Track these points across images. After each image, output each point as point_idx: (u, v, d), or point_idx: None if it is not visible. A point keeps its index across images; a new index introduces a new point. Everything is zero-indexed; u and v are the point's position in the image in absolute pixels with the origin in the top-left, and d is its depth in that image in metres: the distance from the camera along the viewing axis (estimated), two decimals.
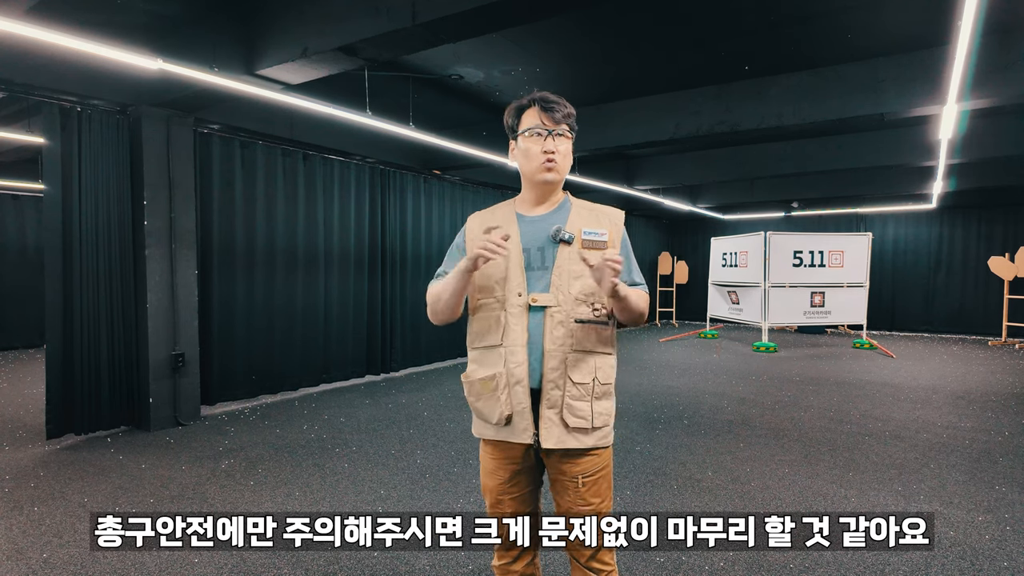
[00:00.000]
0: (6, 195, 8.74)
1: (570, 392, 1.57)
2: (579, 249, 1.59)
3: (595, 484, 1.61)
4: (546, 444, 1.57)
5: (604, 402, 1.61)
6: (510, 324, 1.59)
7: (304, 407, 5.50)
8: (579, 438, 1.58)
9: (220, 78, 3.91)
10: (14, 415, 5.11)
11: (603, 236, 1.62)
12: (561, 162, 1.61)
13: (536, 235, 1.63)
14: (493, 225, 1.69)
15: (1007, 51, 4.54)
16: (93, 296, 4.48)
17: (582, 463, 1.60)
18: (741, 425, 4.92)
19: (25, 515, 3.09)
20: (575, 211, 1.66)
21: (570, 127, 1.63)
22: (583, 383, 1.57)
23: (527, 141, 1.61)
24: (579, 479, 1.60)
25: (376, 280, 7.00)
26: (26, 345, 8.89)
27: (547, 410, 1.57)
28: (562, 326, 1.57)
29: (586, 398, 1.58)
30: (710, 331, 11.73)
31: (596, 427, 1.59)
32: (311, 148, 6.20)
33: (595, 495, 1.61)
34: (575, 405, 1.57)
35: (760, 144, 8.34)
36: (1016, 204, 11.12)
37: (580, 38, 4.85)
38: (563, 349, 1.57)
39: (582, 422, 1.57)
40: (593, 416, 1.58)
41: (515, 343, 1.58)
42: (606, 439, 1.63)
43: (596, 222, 1.65)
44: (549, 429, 1.57)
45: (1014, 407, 5.58)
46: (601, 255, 1.47)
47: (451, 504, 3.26)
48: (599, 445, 1.61)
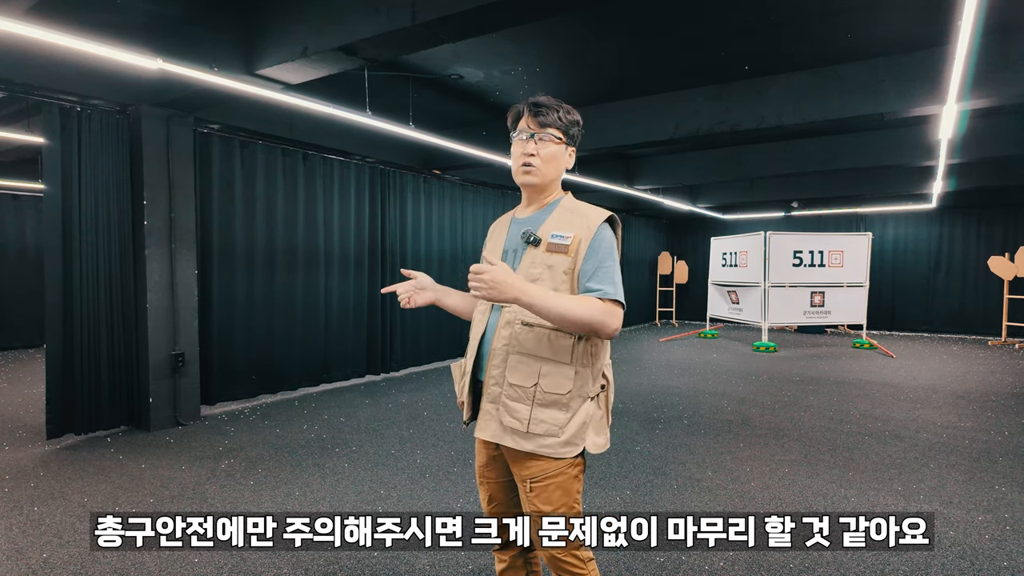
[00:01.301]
0: (6, 195, 8.73)
1: (507, 392, 1.59)
2: (543, 252, 1.59)
3: (544, 491, 1.58)
4: (480, 434, 1.65)
5: (550, 411, 1.55)
6: (476, 319, 1.73)
7: (304, 407, 5.50)
8: (516, 439, 1.58)
9: (220, 78, 3.91)
10: (14, 415, 5.11)
11: (567, 239, 1.57)
12: (541, 165, 1.61)
13: (518, 236, 1.67)
14: (499, 226, 1.80)
15: (1007, 51, 4.54)
16: (93, 296, 4.47)
17: (530, 467, 1.59)
18: (741, 425, 4.92)
19: (25, 515, 3.09)
20: (556, 213, 1.65)
21: (562, 131, 1.62)
22: (521, 386, 1.57)
23: (514, 144, 1.65)
24: (527, 483, 1.60)
25: (376, 280, 7.00)
26: (26, 345, 8.88)
27: (487, 404, 1.64)
28: (509, 327, 1.60)
29: (524, 401, 1.56)
30: (710, 331, 11.73)
31: (535, 433, 1.55)
32: (311, 148, 6.20)
33: (545, 502, 1.58)
34: (511, 405, 1.58)
35: (760, 144, 8.33)
36: (1016, 204, 11.12)
37: (580, 38, 4.85)
38: (506, 349, 1.60)
39: (516, 424, 1.57)
40: (531, 421, 1.55)
41: (473, 337, 1.71)
42: (551, 449, 1.55)
43: (568, 225, 1.60)
44: (486, 421, 1.64)
45: (1014, 407, 5.58)
46: (472, 270, 1.45)
47: (451, 504, 3.26)
48: (540, 453, 1.56)
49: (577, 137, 1.69)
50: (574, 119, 1.66)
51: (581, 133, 1.71)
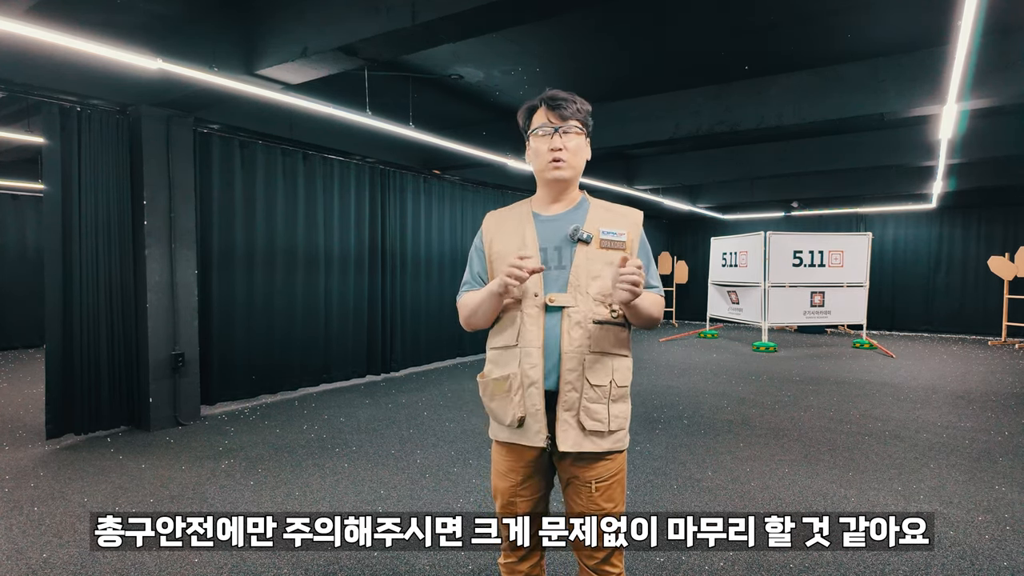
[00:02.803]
0: (6, 195, 8.73)
1: (587, 395, 1.54)
2: (597, 249, 1.57)
3: (609, 489, 1.59)
4: (563, 447, 1.54)
5: (620, 405, 1.59)
6: (526, 325, 1.56)
7: (304, 407, 5.50)
8: (596, 441, 1.55)
9: (220, 78, 3.91)
10: (14, 415, 5.11)
11: (622, 236, 1.59)
12: (570, 159, 1.58)
13: (552, 234, 1.60)
14: (508, 223, 1.67)
15: (1007, 51, 4.54)
16: (93, 296, 4.47)
17: (597, 467, 1.57)
18: (741, 425, 4.92)
19: (25, 515, 3.09)
20: (593, 210, 1.64)
21: (582, 122, 1.59)
22: (601, 385, 1.54)
23: (536, 140, 1.60)
24: (592, 484, 1.57)
25: (376, 280, 7.00)
26: (26, 345, 8.88)
27: (564, 412, 1.54)
28: (580, 327, 1.54)
29: (603, 400, 1.55)
30: (710, 331, 11.73)
31: (612, 430, 1.57)
32: (311, 148, 6.20)
33: (608, 500, 1.59)
34: (592, 408, 1.54)
35: (760, 144, 8.34)
36: (1016, 204, 11.12)
37: (580, 38, 4.85)
38: (581, 351, 1.53)
39: (599, 425, 1.54)
40: (610, 419, 1.55)
41: (530, 344, 1.55)
42: (621, 443, 1.59)
43: (614, 222, 1.61)
44: (566, 432, 1.54)
45: (1014, 407, 5.58)
46: (616, 270, 1.43)
47: (451, 504, 3.26)
48: (615, 449, 1.58)
49: (591, 127, 1.66)
50: (589, 110, 1.63)
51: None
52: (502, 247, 1.64)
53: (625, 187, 9.35)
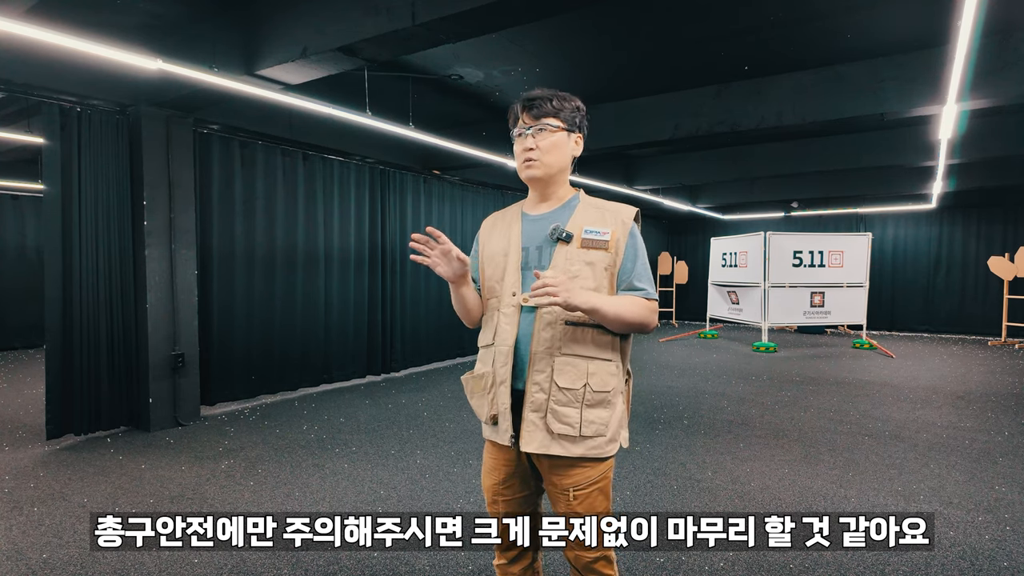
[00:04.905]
0: (6, 195, 8.73)
1: (556, 397, 1.51)
2: (578, 248, 1.54)
3: (588, 498, 1.54)
4: (526, 448, 1.53)
5: (598, 410, 1.52)
6: (501, 324, 1.58)
7: (304, 407, 5.50)
8: (566, 446, 1.51)
9: (220, 78, 3.91)
10: (14, 415, 5.11)
11: (605, 235, 1.54)
12: (542, 157, 1.56)
13: (536, 234, 1.60)
14: (500, 224, 1.69)
15: (1007, 51, 4.54)
16: (93, 296, 4.47)
17: (573, 475, 1.53)
18: (741, 425, 4.92)
19: (25, 515, 3.09)
20: (581, 209, 1.61)
21: (558, 118, 1.57)
22: (571, 388, 1.50)
23: (515, 143, 1.61)
24: (570, 492, 1.53)
25: (376, 280, 7.00)
26: (26, 345, 8.88)
27: (530, 413, 1.53)
28: (551, 328, 1.52)
29: (574, 404, 1.50)
30: (710, 331, 11.72)
31: (585, 436, 1.51)
32: (311, 148, 6.20)
33: (588, 509, 1.54)
34: (561, 411, 1.50)
35: (760, 144, 8.34)
36: (1016, 204, 11.12)
37: (580, 38, 4.84)
38: (550, 352, 1.51)
39: (568, 429, 1.50)
40: (582, 424, 1.50)
41: (504, 343, 1.56)
42: (599, 450, 1.52)
43: (600, 220, 1.57)
44: (531, 433, 1.52)
45: (1014, 407, 5.58)
46: (541, 279, 1.40)
47: (451, 504, 3.26)
48: (590, 455, 1.52)
49: (581, 122, 1.63)
50: (572, 104, 1.60)
51: (587, 117, 1.66)
52: (491, 248, 1.66)
53: (625, 187, 9.35)
